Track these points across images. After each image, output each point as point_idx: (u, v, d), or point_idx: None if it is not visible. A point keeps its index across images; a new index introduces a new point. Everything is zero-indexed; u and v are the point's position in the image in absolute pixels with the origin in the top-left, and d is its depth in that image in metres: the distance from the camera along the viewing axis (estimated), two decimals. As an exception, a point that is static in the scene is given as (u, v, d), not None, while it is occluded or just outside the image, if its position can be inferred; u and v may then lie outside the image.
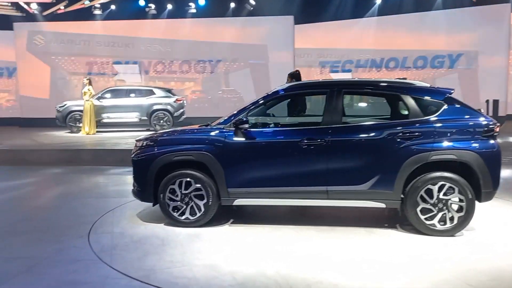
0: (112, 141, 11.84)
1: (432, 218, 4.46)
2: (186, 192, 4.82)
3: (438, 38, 16.16)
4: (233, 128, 4.76)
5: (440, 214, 4.44)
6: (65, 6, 17.39)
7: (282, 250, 4.17)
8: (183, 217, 4.85)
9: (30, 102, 17.98)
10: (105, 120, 14.74)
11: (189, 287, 3.38)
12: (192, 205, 4.83)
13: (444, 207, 4.43)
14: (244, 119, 4.71)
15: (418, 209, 4.47)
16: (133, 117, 14.77)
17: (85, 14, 17.85)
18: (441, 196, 4.43)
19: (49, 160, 9.68)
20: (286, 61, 16.97)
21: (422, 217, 4.47)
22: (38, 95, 17.93)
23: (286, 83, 7.26)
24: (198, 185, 4.79)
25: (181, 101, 14.94)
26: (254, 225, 4.91)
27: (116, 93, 15.13)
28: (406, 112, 4.76)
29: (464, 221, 4.43)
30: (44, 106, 17.50)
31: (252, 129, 4.80)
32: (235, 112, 4.97)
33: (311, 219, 5.28)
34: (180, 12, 17.72)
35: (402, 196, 4.55)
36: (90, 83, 13.83)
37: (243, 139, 4.74)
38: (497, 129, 4.54)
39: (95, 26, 17.95)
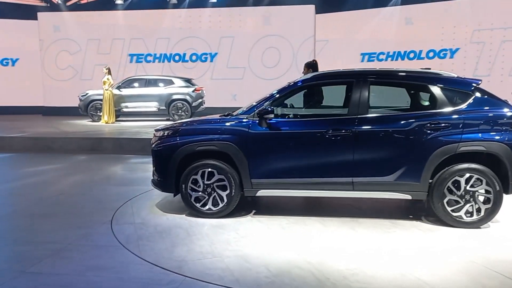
0: (130, 130, 11.99)
1: (458, 210, 4.45)
2: (209, 182, 4.78)
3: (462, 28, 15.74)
4: (257, 118, 4.71)
5: (467, 206, 4.43)
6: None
7: (309, 241, 4.15)
8: (206, 207, 4.82)
9: (53, 91, 18.28)
10: (124, 110, 14.88)
11: (224, 279, 3.34)
12: (214, 196, 4.80)
13: (471, 199, 4.42)
14: (269, 109, 4.65)
15: (445, 200, 4.46)
16: (152, 106, 14.83)
17: (108, 4, 17.99)
18: (468, 187, 4.41)
19: (71, 148, 9.87)
20: (306, 51, 16.83)
21: (449, 208, 4.46)
22: (60, 84, 18.21)
23: (303, 73, 7.19)
24: (221, 176, 4.75)
25: (200, 91, 14.91)
26: (276, 216, 4.88)
27: (136, 82, 15.25)
28: (432, 103, 4.70)
29: (491, 213, 4.41)
30: (67, 95, 17.78)
31: (277, 119, 4.75)
32: (257, 101, 4.93)
33: (333, 210, 5.25)
34: (201, 2, 17.70)
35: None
36: (109, 73, 14.02)
37: (267, 129, 4.69)
38: None
39: (117, 16, 18.07)
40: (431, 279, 3.32)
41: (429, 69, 5.23)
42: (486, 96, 4.63)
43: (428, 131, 4.47)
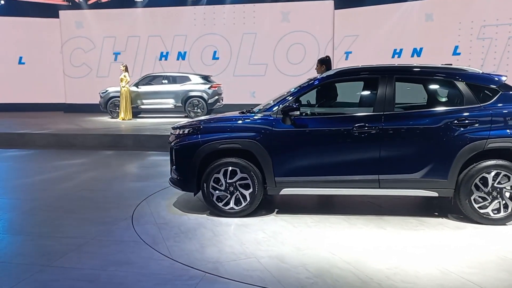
0: (145, 126, 12.13)
1: (486, 206, 4.44)
2: (231, 181, 4.71)
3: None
4: (281, 115, 4.64)
5: (494, 203, 4.43)
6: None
7: (340, 240, 4.11)
8: (228, 207, 4.75)
9: (74, 88, 18.58)
10: (142, 107, 15.02)
11: (265, 280, 3.29)
12: (237, 195, 4.73)
13: (498, 196, 4.42)
14: (295, 106, 4.58)
15: (472, 197, 4.45)
16: (168, 103, 14.89)
17: (127, 2, 18.17)
18: (495, 184, 4.41)
19: (92, 144, 10.04)
20: (324, 47, 16.71)
21: (476, 205, 4.45)
22: (81, 82, 18.50)
23: (316, 69, 7.10)
24: (244, 174, 4.69)
25: (216, 88, 14.89)
26: (299, 214, 4.83)
27: (153, 79, 15.39)
28: (459, 99, 4.67)
29: None
30: (87, 92, 18.08)
31: (302, 116, 4.69)
32: (279, 98, 4.89)
33: (355, 208, 5.19)
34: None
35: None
36: (126, 70, 14.22)
37: (292, 126, 4.63)
38: None
39: (136, 13, 18.23)
40: (473, 276, 3.29)
41: (451, 64, 5.15)
42: (494, 91, 4.59)
43: (456, 128, 4.45)
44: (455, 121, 4.46)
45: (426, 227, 4.43)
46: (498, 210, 4.43)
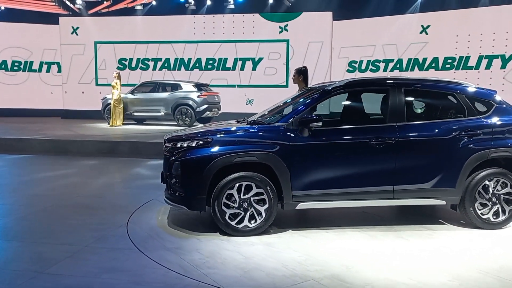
0: (133, 134, 12.13)
1: (487, 212, 4.72)
2: (246, 197, 4.40)
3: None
4: (298, 126, 4.47)
5: (494, 208, 4.72)
6: (109, 6, 17.85)
7: (374, 254, 4.02)
8: (241, 225, 4.41)
9: (72, 95, 18.58)
10: (135, 114, 15.07)
11: None
12: (251, 212, 4.43)
13: (497, 201, 4.72)
14: (315, 117, 4.44)
15: (476, 204, 4.70)
16: (159, 111, 14.87)
17: (128, 10, 18.25)
18: (495, 191, 4.71)
19: (88, 150, 10.03)
20: (323, 58, 16.81)
21: (479, 211, 4.71)
22: (79, 88, 18.50)
23: (293, 78, 7.20)
24: (260, 189, 4.40)
25: (206, 96, 14.56)
26: (313, 229, 4.69)
27: (147, 87, 15.43)
28: (462, 111, 4.87)
29: None
30: (84, 99, 18.12)
31: (320, 127, 4.52)
32: (293, 109, 4.73)
33: (358, 219, 5.12)
34: (218, 8, 17.82)
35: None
36: (118, 77, 14.38)
37: (310, 137, 4.48)
38: None
39: (136, 21, 18.30)
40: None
41: (437, 78, 5.36)
42: (504, 106, 4.93)
43: (463, 138, 4.68)
44: (463, 132, 4.68)
45: (440, 234, 4.62)
46: (497, 215, 4.71)
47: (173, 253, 3.99)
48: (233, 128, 4.80)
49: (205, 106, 14.52)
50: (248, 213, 4.42)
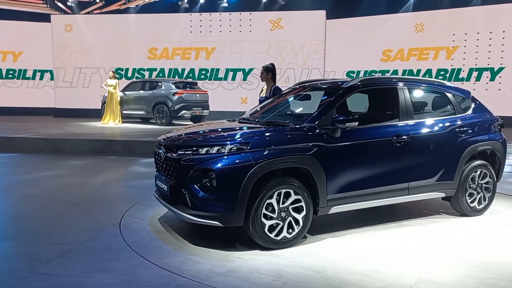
0: (125, 132, 12.06)
1: (474, 201, 5.19)
2: (284, 205, 4.04)
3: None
4: (330, 126, 4.26)
5: (479, 196, 5.21)
6: (102, 7, 17.77)
7: (415, 255, 3.99)
8: (280, 236, 4.03)
9: (64, 93, 18.46)
10: (124, 112, 15.07)
11: None
12: (290, 221, 4.10)
13: (480, 190, 5.23)
14: (351, 117, 4.25)
15: (467, 194, 5.14)
16: (142, 110, 14.86)
17: (121, 11, 18.19)
18: (480, 181, 5.21)
19: (81, 149, 9.98)
20: (316, 57, 16.83)
21: (469, 200, 5.15)
22: (72, 86, 18.38)
23: (261, 76, 6.71)
24: (298, 196, 4.08)
25: (182, 95, 14.16)
26: (333, 233, 4.54)
27: (134, 86, 15.43)
28: (451, 109, 5.27)
29: (491, 200, 5.35)
30: (77, 97, 18.01)
31: (351, 128, 4.36)
32: (320, 109, 4.44)
33: (371, 217, 5.12)
34: (212, 6, 17.80)
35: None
36: (114, 77, 14.51)
37: (342, 137, 4.31)
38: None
39: (129, 19, 18.22)
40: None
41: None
42: (478, 103, 5.50)
43: (459, 134, 5.06)
44: (457, 129, 5.07)
45: (447, 224, 4.95)
46: (480, 203, 5.23)
47: (166, 252, 3.97)
48: (258, 130, 4.33)
49: (181, 104, 14.12)
50: (286, 223, 4.07)
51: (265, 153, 3.96)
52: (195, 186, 3.98)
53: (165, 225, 4.77)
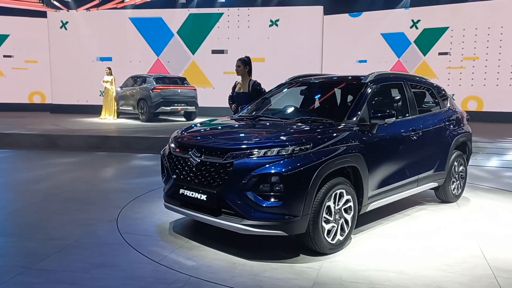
0: (122, 127, 12.03)
1: (454, 188, 5.62)
2: (338, 207, 3.86)
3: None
4: (368, 123, 4.20)
5: (456, 183, 5.67)
6: (98, 5, 17.66)
7: (429, 248, 4.05)
8: (335, 240, 3.83)
9: (61, 89, 18.38)
10: (121, 108, 15.10)
11: None
12: (342, 223, 3.91)
13: (458, 177, 5.71)
14: (387, 113, 4.19)
15: (451, 182, 5.51)
16: (131, 105, 14.80)
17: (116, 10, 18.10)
18: (458, 169, 5.65)
19: (78, 145, 9.96)
20: (314, 53, 16.80)
21: (452, 187, 5.57)
22: (67, 82, 18.31)
23: (237, 70, 6.15)
24: (348, 196, 3.91)
25: (160, 90, 13.87)
26: (356, 229, 4.37)
27: (128, 81, 15.42)
28: (436, 103, 5.62)
29: (464, 186, 5.87)
30: (74, 93, 17.94)
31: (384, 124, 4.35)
32: (354, 106, 4.34)
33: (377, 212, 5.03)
34: (209, 1, 17.72)
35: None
36: (108, 73, 14.60)
37: (378, 133, 4.28)
38: None
39: (126, 14, 18.13)
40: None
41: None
42: (451, 98, 5.91)
43: (448, 127, 5.44)
44: (446, 122, 5.43)
45: (446, 209, 5.31)
46: (457, 189, 5.70)
47: (163, 247, 3.97)
48: (313, 129, 4.02)
49: (159, 100, 13.81)
50: (339, 225, 3.88)
51: (326, 153, 3.71)
52: (254, 193, 3.54)
53: (162, 220, 4.76)
